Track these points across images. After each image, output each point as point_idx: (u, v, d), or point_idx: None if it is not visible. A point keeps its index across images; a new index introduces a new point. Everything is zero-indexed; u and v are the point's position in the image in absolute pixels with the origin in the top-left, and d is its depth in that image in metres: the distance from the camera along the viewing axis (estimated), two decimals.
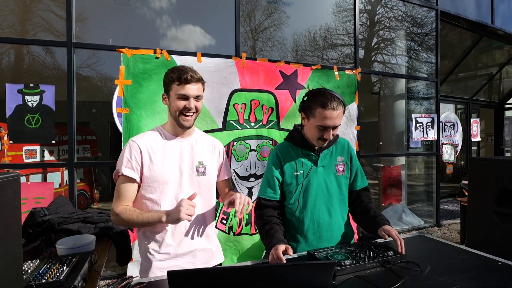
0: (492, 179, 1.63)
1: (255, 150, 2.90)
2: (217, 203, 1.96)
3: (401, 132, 5.00)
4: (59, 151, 4.79)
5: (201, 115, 1.34)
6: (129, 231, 1.97)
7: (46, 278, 1.09)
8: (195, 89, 1.25)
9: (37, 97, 2.53)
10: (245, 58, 2.87)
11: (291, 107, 3.04)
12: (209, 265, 1.34)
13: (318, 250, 1.19)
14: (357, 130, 3.47)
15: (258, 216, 1.42)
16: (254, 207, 1.48)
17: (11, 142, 2.53)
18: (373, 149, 7.01)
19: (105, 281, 2.76)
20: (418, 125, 4.49)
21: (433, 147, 4.95)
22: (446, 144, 5.49)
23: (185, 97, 1.24)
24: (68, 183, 2.71)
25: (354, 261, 1.07)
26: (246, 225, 2.86)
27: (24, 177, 4.00)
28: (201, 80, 1.28)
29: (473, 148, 6.79)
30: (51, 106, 2.57)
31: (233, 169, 2.82)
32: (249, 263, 1.20)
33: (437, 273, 1.03)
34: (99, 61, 4.69)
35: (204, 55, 2.74)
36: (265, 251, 1.33)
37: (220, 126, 2.76)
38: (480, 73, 7.20)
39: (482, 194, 1.68)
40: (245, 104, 2.86)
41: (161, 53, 2.54)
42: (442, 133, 5.55)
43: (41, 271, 1.14)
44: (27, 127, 2.52)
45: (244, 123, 2.86)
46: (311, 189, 1.39)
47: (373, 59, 5.67)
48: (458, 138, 5.85)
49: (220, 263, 1.42)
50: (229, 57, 2.86)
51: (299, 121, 1.48)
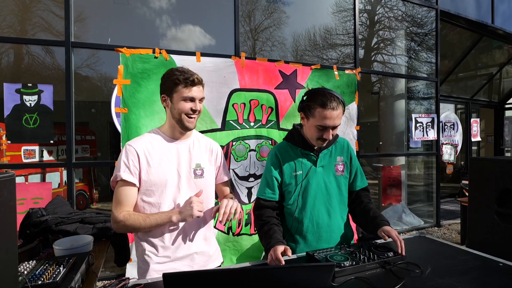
0: (493, 179, 1.62)
1: (254, 150, 2.89)
2: (216, 203, 1.95)
3: (401, 132, 4.99)
4: (58, 151, 4.78)
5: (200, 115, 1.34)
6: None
7: (43, 279, 1.08)
8: (200, 91, 1.27)
9: (35, 97, 2.52)
10: (244, 58, 2.86)
11: (290, 107, 3.02)
12: (207, 267, 1.32)
13: (318, 251, 1.18)
14: (357, 130, 3.46)
15: (257, 217, 1.41)
16: (253, 207, 1.46)
17: (9, 142, 2.51)
18: (373, 149, 7.01)
19: (103, 281, 2.75)
20: (418, 125, 4.48)
21: (433, 147, 4.94)
22: (446, 144, 5.48)
23: (191, 99, 1.24)
24: (67, 183, 2.69)
25: (354, 262, 1.06)
26: (246, 225, 2.85)
27: (23, 177, 3.99)
28: (203, 82, 1.31)
29: (473, 148, 6.78)
30: (49, 106, 2.55)
31: (232, 169, 2.81)
32: (247, 264, 1.19)
33: (437, 274, 1.02)
34: (99, 61, 4.68)
35: (203, 54, 2.73)
36: (264, 252, 1.31)
37: (219, 126, 2.75)
38: (480, 73, 7.20)
39: (482, 194, 1.67)
40: (244, 104, 2.84)
41: (160, 53, 2.53)
42: (442, 133, 5.54)
43: (37, 272, 1.13)
44: (25, 127, 2.51)
45: (244, 123, 2.85)
46: (310, 189, 1.38)
47: (373, 59, 5.67)
48: (458, 138, 5.84)
49: (219, 265, 1.41)
50: (229, 56, 2.85)
51: (298, 121, 1.47)
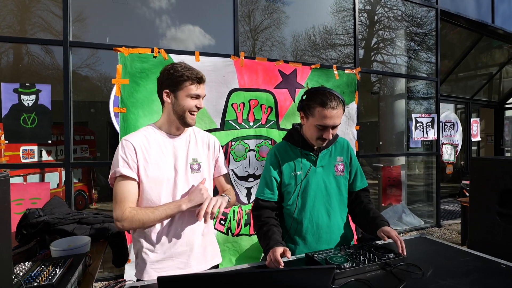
0: (494, 179, 1.60)
1: (254, 150, 2.87)
2: None
3: (401, 132, 4.98)
4: (57, 151, 4.75)
5: (199, 114, 1.32)
6: (125, 232, 1.94)
7: (38, 281, 1.07)
8: (204, 89, 1.28)
9: (33, 97, 2.50)
10: (243, 57, 2.85)
11: (290, 106, 3.01)
12: (205, 265, 1.31)
13: (317, 253, 1.16)
14: (356, 130, 3.44)
15: (255, 218, 1.39)
16: (252, 208, 1.45)
17: (7, 142, 2.49)
18: (372, 149, 7.00)
19: (101, 282, 2.73)
20: (418, 124, 4.47)
21: (433, 147, 4.93)
22: (446, 144, 5.47)
23: (197, 97, 1.25)
24: (65, 183, 2.68)
25: (354, 264, 1.05)
26: (245, 226, 2.83)
27: (22, 177, 3.97)
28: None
29: (473, 148, 6.77)
30: (47, 105, 2.54)
31: (232, 169, 2.80)
32: (246, 265, 1.18)
33: (439, 276, 1.00)
34: (98, 61, 4.65)
35: (202, 54, 2.72)
36: (263, 253, 1.30)
37: (218, 126, 2.73)
38: (480, 73, 7.19)
39: (484, 194, 1.65)
40: (243, 103, 2.83)
41: (158, 52, 2.51)
42: (442, 133, 5.53)
43: (33, 273, 1.12)
44: (23, 127, 2.49)
45: (243, 123, 2.83)
46: (310, 189, 1.37)
47: (372, 59, 5.65)
48: (458, 138, 5.83)
49: (217, 264, 1.39)
50: (228, 56, 2.84)
51: (298, 120, 1.45)
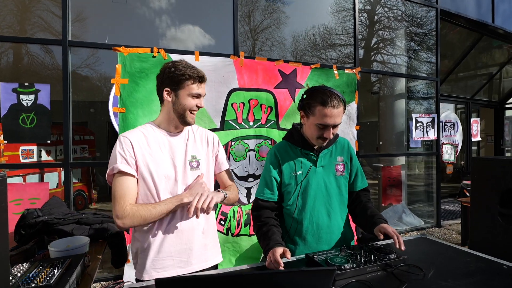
0: (496, 179, 1.59)
1: (253, 150, 2.86)
2: None
3: (401, 132, 4.97)
4: (57, 151, 4.74)
5: (198, 114, 1.31)
6: (125, 232, 1.93)
7: (36, 282, 1.06)
8: (204, 88, 1.28)
9: (32, 96, 2.49)
10: (243, 57, 2.84)
11: (290, 106, 3.00)
12: (206, 264, 1.30)
13: (317, 253, 1.15)
14: (356, 130, 3.43)
15: (255, 218, 1.38)
16: (251, 208, 1.44)
17: (5, 142, 2.48)
18: (372, 149, 6.99)
19: (100, 282, 2.72)
20: (418, 124, 4.46)
21: (433, 147, 4.92)
22: (446, 144, 5.46)
23: (198, 96, 1.24)
24: (64, 183, 2.67)
25: (355, 265, 1.04)
26: (245, 226, 2.82)
27: (21, 178, 3.96)
28: None
29: (473, 148, 6.76)
30: (46, 105, 2.53)
31: (232, 169, 2.79)
32: (246, 266, 1.17)
33: (440, 277, 0.99)
34: (98, 61, 4.65)
35: (202, 53, 2.71)
36: (263, 254, 1.29)
37: (218, 126, 2.73)
38: (480, 73, 7.18)
39: (485, 195, 1.64)
40: (243, 103, 2.82)
41: (158, 52, 2.50)
42: (442, 133, 5.52)
43: (31, 274, 1.11)
44: (22, 127, 2.48)
45: (243, 123, 2.82)
46: (310, 189, 1.36)
47: (372, 58, 5.64)
48: (458, 138, 5.82)
49: (217, 264, 1.38)
50: (227, 56, 2.83)
51: (298, 120, 1.44)
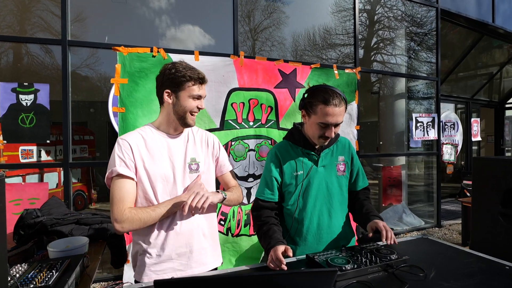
0: (497, 179, 1.58)
1: (253, 150, 2.85)
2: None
3: (401, 132, 4.96)
4: (56, 151, 4.74)
5: (198, 114, 1.30)
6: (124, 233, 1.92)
7: (35, 283, 1.05)
8: (205, 89, 1.27)
9: (31, 96, 2.48)
10: (243, 57, 2.83)
11: (290, 106, 2.99)
12: (206, 267, 1.29)
13: (318, 254, 1.15)
14: (357, 130, 3.43)
15: (255, 218, 1.37)
16: (251, 208, 1.43)
17: (5, 142, 2.47)
18: (373, 149, 6.99)
19: (100, 283, 2.72)
20: (418, 124, 4.45)
21: (433, 147, 4.91)
22: (446, 144, 5.46)
23: (198, 97, 1.24)
24: (64, 183, 2.66)
25: (355, 266, 1.03)
26: (245, 226, 2.81)
27: (21, 178, 3.95)
28: None
29: (473, 148, 6.76)
30: (45, 105, 2.52)
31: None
32: (246, 267, 1.16)
33: (442, 278, 0.99)
34: (98, 61, 4.65)
35: (201, 53, 2.70)
36: (264, 253, 1.28)
37: (218, 126, 2.72)
38: (480, 73, 7.17)
39: (486, 195, 1.63)
40: (243, 103, 2.81)
41: (157, 52, 2.50)
42: (443, 133, 5.51)
43: (29, 275, 1.10)
44: (21, 127, 2.47)
45: (243, 123, 2.82)
46: (311, 189, 1.35)
47: (372, 58, 5.64)
48: (459, 138, 5.81)
49: (217, 267, 1.37)
50: (227, 55, 2.82)
51: (298, 120, 1.44)
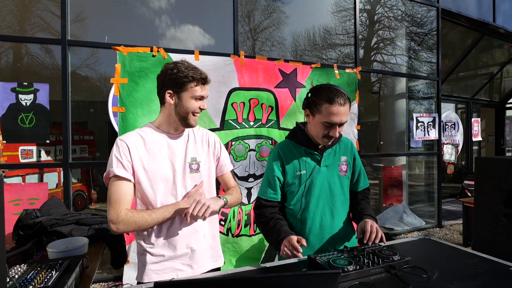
0: (500, 179, 1.57)
1: (254, 150, 2.84)
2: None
3: (401, 131, 4.95)
4: (56, 151, 4.73)
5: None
6: (124, 233, 1.91)
7: (34, 284, 1.04)
8: (208, 89, 1.26)
9: (31, 96, 2.47)
10: (243, 56, 2.82)
11: (291, 106, 2.98)
12: (206, 267, 1.28)
13: (320, 255, 1.13)
14: (357, 130, 3.42)
15: (258, 216, 1.36)
16: (253, 207, 1.43)
17: (4, 142, 2.47)
18: (373, 149, 6.99)
19: (100, 283, 2.71)
20: (419, 124, 4.44)
21: (434, 147, 4.90)
22: (447, 144, 5.44)
23: (201, 98, 1.23)
24: (63, 183, 2.65)
25: (358, 267, 1.02)
26: (245, 226, 2.80)
27: (20, 178, 3.94)
28: None
29: (474, 148, 6.74)
30: (45, 105, 2.51)
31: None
32: (247, 268, 1.14)
33: (445, 279, 0.98)
34: (98, 61, 4.65)
35: (201, 53, 2.69)
36: (273, 247, 1.27)
37: (218, 126, 2.71)
38: (480, 72, 7.16)
39: (489, 195, 1.62)
40: (244, 103, 2.80)
41: (157, 51, 2.49)
42: (443, 132, 5.50)
43: (28, 276, 1.09)
44: (21, 127, 2.46)
45: (243, 123, 2.81)
46: (314, 189, 1.34)
47: (372, 58, 5.63)
48: (459, 137, 5.80)
49: (219, 267, 1.36)
50: (228, 55, 2.81)
51: (299, 120, 1.43)
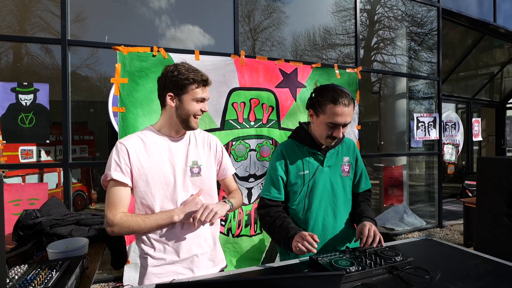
0: (502, 180, 1.56)
1: (254, 150, 2.84)
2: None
3: (402, 131, 4.94)
4: (56, 151, 4.72)
5: None
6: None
7: (34, 285, 1.04)
8: (209, 91, 1.25)
9: (31, 96, 2.47)
10: (244, 56, 2.81)
11: (291, 106, 2.97)
12: (207, 271, 1.26)
13: (321, 256, 1.13)
14: (358, 130, 3.41)
15: (263, 215, 1.35)
16: (256, 207, 1.42)
17: (4, 142, 2.46)
18: (374, 149, 6.98)
19: (100, 284, 2.70)
20: (420, 124, 4.43)
21: (434, 147, 4.89)
22: (447, 144, 5.44)
23: (202, 100, 1.21)
24: (63, 183, 2.64)
25: (360, 268, 1.01)
26: (246, 226, 2.79)
27: (20, 178, 3.93)
28: None
29: (474, 148, 6.74)
30: (45, 105, 2.50)
31: None
32: (248, 269, 1.14)
33: (448, 280, 0.97)
34: (98, 61, 4.65)
35: (202, 53, 2.68)
36: (282, 245, 1.25)
37: (218, 126, 2.70)
38: (481, 72, 7.15)
39: (491, 195, 1.62)
40: (244, 103, 2.79)
41: (158, 51, 2.48)
42: (444, 132, 5.49)
43: (28, 277, 1.08)
44: (21, 127, 2.46)
45: (244, 122, 2.80)
46: (316, 190, 1.34)
47: (373, 58, 5.62)
48: (460, 137, 5.79)
49: (222, 269, 1.35)
50: (228, 55, 2.80)
51: (300, 120, 1.42)
